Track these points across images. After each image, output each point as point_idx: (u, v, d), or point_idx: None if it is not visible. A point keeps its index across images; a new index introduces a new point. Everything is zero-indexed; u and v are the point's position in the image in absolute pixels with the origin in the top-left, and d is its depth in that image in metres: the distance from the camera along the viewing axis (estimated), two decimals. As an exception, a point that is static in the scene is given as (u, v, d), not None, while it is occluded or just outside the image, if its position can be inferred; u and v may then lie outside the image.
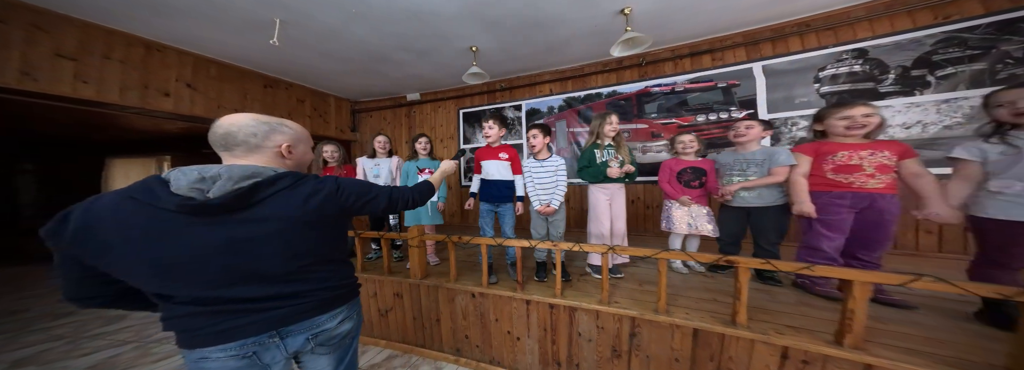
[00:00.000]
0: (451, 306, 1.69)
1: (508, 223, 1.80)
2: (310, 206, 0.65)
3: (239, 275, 0.60)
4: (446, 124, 3.90)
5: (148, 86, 2.37)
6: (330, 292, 0.72)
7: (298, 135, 0.74)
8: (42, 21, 1.93)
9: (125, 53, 2.25)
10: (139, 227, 0.53)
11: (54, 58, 1.97)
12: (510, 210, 1.80)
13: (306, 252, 0.67)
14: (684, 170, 1.83)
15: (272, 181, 0.63)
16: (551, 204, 1.69)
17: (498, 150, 1.81)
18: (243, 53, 2.64)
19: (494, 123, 1.78)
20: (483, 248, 1.60)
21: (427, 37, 2.41)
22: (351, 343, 0.80)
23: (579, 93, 3.26)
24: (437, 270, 1.95)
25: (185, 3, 1.91)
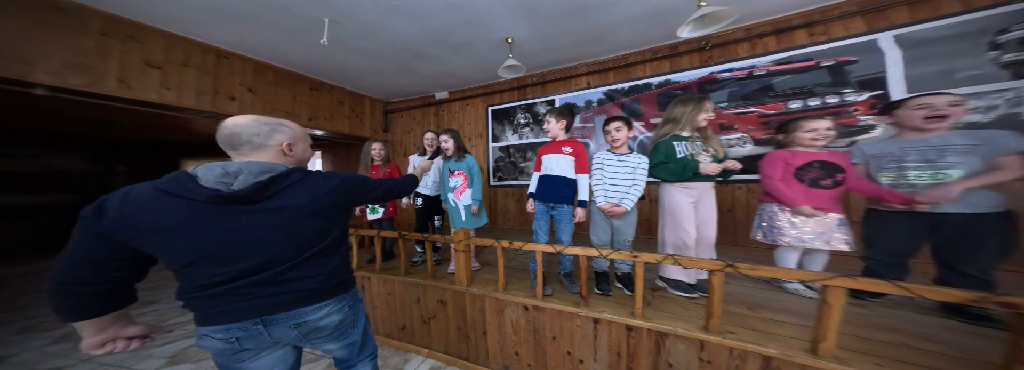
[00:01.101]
0: (500, 318, 1.52)
1: (566, 229, 1.58)
2: (319, 196, 0.74)
3: (258, 260, 0.67)
4: (474, 122, 3.79)
5: (218, 91, 2.53)
6: (320, 283, 0.75)
7: (297, 134, 0.80)
8: (137, 33, 2.11)
9: (200, 60, 2.42)
10: (175, 217, 0.61)
11: (143, 67, 2.15)
12: (568, 214, 1.57)
13: (314, 240, 0.74)
14: (809, 165, 1.40)
15: (285, 175, 0.70)
16: (621, 204, 1.44)
17: (561, 144, 1.60)
18: (294, 57, 2.75)
19: (552, 117, 1.59)
20: (538, 255, 1.41)
21: (463, 28, 2.32)
22: (353, 332, 0.86)
23: (622, 85, 2.96)
24: (481, 276, 1.79)
25: (251, 8, 1.97)
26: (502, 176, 3.63)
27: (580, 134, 3.18)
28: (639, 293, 1.20)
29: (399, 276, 1.74)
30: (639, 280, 1.19)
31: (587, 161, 1.57)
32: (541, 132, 3.41)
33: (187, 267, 0.63)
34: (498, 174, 3.66)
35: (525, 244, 1.41)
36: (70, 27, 1.88)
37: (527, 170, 3.50)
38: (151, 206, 0.59)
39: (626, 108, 2.95)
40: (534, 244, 1.40)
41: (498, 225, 3.65)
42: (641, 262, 1.19)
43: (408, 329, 1.74)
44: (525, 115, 3.47)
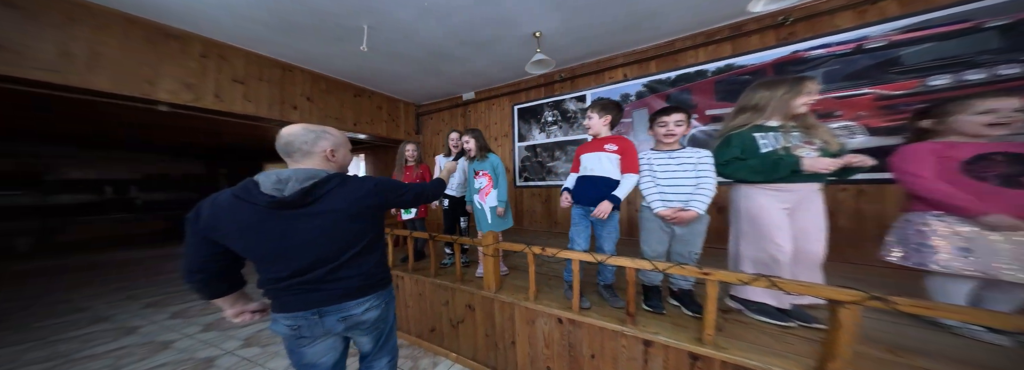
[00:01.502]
0: (531, 329, 1.38)
1: (609, 236, 1.36)
2: (355, 200, 0.79)
3: (308, 259, 0.76)
4: (500, 121, 3.71)
5: (284, 101, 2.84)
6: (363, 280, 0.83)
7: (339, 140, 0.87)
8: (225, 52, 2.47)
9: (271, 74, 2.75)
10: (245, 220, 0.71)
11: (231, 82, 2.51)
12: (612, 219, 1.35)
13: (353, 241, 0.81)
14: (986, 158, 1.03)
15: (326, 180, 0.77)
16: (689, 206, 1.16)
17: (604, 141, 1.39)
18: (340, 65, 2.97)
19: (594, 111, 1.40)
20: (574, 264, 1.25)
21: (490, 25, 2.27)
22: (385, 327, 0.92)
23: (667, 74, 2.62)
24: (510, 282, 1.68)
25: (304, 20, 2.16)
26: (528, 176, 3.50)
27: (616, 131, 2.91)
28: (711, 317, 0.98)
29: (429, 277, 1.72)
30: (712, 302, 0.97)
31: (636, 159, 1.34)
32: (570, 129, 3.20)
33: (259, 263, 0.75)
34: (524, 174, 3.53)
35: (560, 251, 1.27)
36: (179, 51, 2.27)
37: (555, 170, 3.32)
38: (229, 210, 0.71)
39: (673, 99, 2.61)
40: (571, 252, 1.24)
41: (524, 227, 3.52)
42: (715, 281, 0.96)
43: (437, 331, 1.70)
44: (553, 112, 3.31)
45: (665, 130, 1.24)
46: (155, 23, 2.14)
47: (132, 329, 2.07)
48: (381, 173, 5.22)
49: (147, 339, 1.90)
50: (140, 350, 1.75)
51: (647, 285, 1.35)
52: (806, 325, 1.11)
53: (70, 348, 1.81)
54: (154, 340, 1.89)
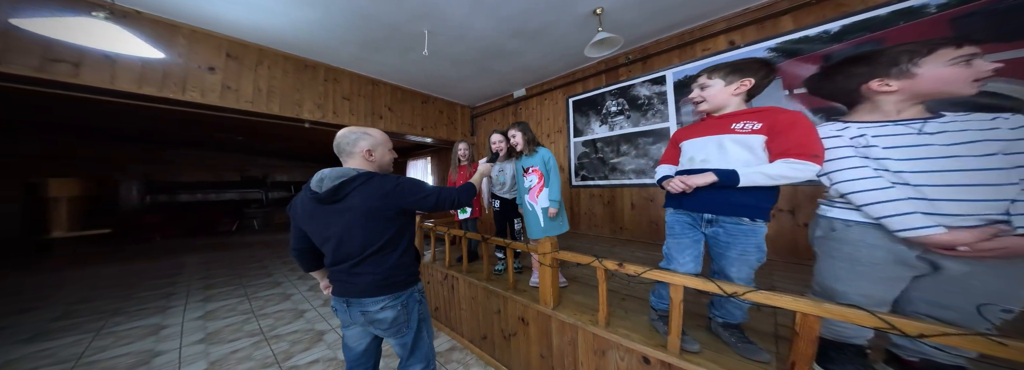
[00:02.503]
0: (600, 361, 1.14)
1: (743, 259, 0.89)
2: (370, 199, 0.83)
3: (342, 251, 0.85)
4: (553, 117, 3.37)
5: (373, 112, 3.31)
6: (379, 279, 0.86)
7: (377, 140, 0.94)
8: (338, 75, 3.02)
9: (365, 89, 3.23)
10: (306, 211, 0.87)
11: (341, 100, 3.06)
12: (747, 235, 0.88)
13: (372, 239, 0.85)
14: None
15: (353, 179, 0.84)
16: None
17: (732, 118, 0.92)
18: (409, 75, 3.24)
19: (715, 76, 0.95)
20: (675, 292, 0.89)
21: (542, 11, 2.06)
22: (407, 331, 0.92)
23: (824, 27, 1.80)
24: (569, 296, 1.45)
25: (379, 34, 2.39)
26: (586, 175, 3.07)
27: None
28: None
29: (482, 281, 1.65)
30: None
31: (813, 136, 0.79)
32: (642, 119, 2.62)
33: (320, 248, 0.90)
34: (581, 173, 3.11)
35: (652, 270, 0.94)
36: (312, 78, 2.88)
37: (620, 167, 2.79)
38: (300, 202, 0.88)
39: (835, 59, 1.73)
40: (671, 273, 0.89)
41: (581, 231, 3.12)
42: None
43: (489, 340, 1.62)
44: (618, 101, 2.80)
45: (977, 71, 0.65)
46: (298, 57, 2.76)
47: (288, 296, 2.77)
48: (442, 173, 5.61)
49: (293, 306, 2.50)
50: (288, 316, 2.31)
51: (829, 339, 0.84)
52: None
53: (255, 305, 2.54)
54: (296, 308, 2.47)
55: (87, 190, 6.73)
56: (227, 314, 2.33)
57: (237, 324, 2.15)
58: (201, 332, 2.02)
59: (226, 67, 2.37)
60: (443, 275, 1.93)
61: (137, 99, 2.10)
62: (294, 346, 1.83)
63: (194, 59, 2.22)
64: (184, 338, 1.94)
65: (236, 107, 2.43)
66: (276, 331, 2.04)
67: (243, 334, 1.99)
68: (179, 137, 6.00)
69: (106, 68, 1.89)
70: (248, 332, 2.02)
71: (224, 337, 1.95)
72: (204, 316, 2.29)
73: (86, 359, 1.69)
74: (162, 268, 3.75)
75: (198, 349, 1.79)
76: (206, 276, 3.40)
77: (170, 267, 3.80)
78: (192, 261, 4.14)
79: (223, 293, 2.83)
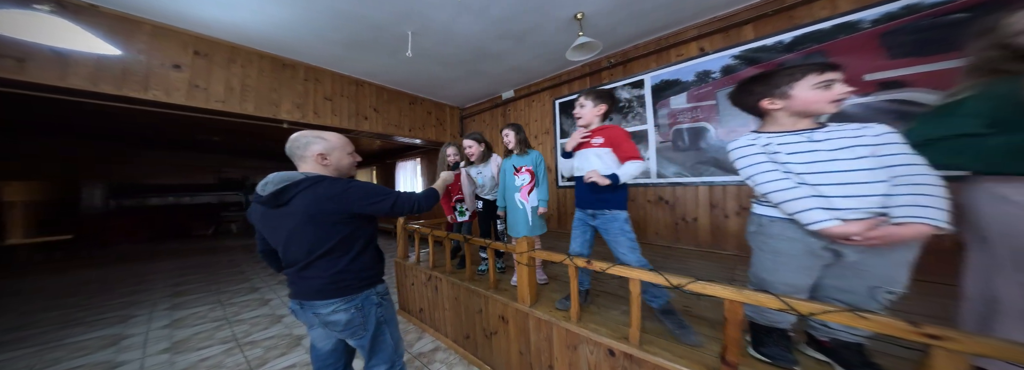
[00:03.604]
0: (572, 356, 1.17)
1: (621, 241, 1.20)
2: (314, 204, 0.81)
3: (290, 254, 0.85)
4: (541, 118, 3.44)
5: (358, 113, 3.26)
6: (328, 283, 0.84)
7: (333, 144, 0.91)
8: (319, 75, 2.96)
9: (348, 90, 3.18)
10: (257, 214, 0.87)
11: (323, 100, 3.00)
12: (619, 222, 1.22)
13: (316, 243, 0.83)
14: None
15: (297, 183, 0.82)
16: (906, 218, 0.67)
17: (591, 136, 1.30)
18: (396, 76, 3.20)
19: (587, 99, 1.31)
20: (633, 285, 0.98)
21: (526, 14, 2.09)
22: (363, 333, 0.90)
23: (778, 38, 1.96)
24: (548, 294, 1.47)
25: (365, 35, 2.37)
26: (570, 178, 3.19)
27: (690, 117, 2.32)
28: None
29: (464, 281, 1.64)
30: None
31: (631, 142, 1.21)
32: (623, 121, 2.72)
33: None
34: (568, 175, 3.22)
35: (612, 266, 1.02)
36: (291, 78, 2.81)
37: None
38: (252, 206, 0.89)
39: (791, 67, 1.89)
40: (628, 269, 0.99)
41: (567, 231, 3.17)
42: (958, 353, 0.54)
43: (471, 339, 1.62)
44: None
45: (835, 93, 0.75)
46: (275, 56, 2.69)
47: (266, 301, 2.67)
48: (432, 174, 5.57)
49: (271, 312, 2.42)
50: (264, 321, 2.23)
51: (762, 325, 0.94)
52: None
53: (230, 312, 2.44)
54: (274, 313, 2.38)
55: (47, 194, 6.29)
56: (197, 321, 2.23)
57: (208, 331, 2.06)
58: (167, 341, 1.92)
59: (194, 65, 2.28)
60: (427, 276, 1.91)
61: (93, 98, 2.00)
62: (269, 352, 1.77)
63: (157, 56, 2.13)
64: (148, 348, 1.84)
65: (206, 107, 2.34)
66: (251, 337, 1.96)
67: (214, 341, 1.91)
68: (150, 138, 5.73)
69: (55, 64, 1.78)
70: (220, 339, 1.94)
71: (193, 345, 1.86)
72: (171, 324, 2.19)
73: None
74: (128, 275, 3.56)
75: (163, 359, 1.71)
76: (176, 283, 3.24)
77: (137, 274, 3.61)
78: (162, 267, 3.94)
79: (194, 300, 2.70)
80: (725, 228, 2.17)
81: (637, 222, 2.68)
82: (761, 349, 0.92)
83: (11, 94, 1.85)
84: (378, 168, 7.89)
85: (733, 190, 2.14)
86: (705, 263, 1.94)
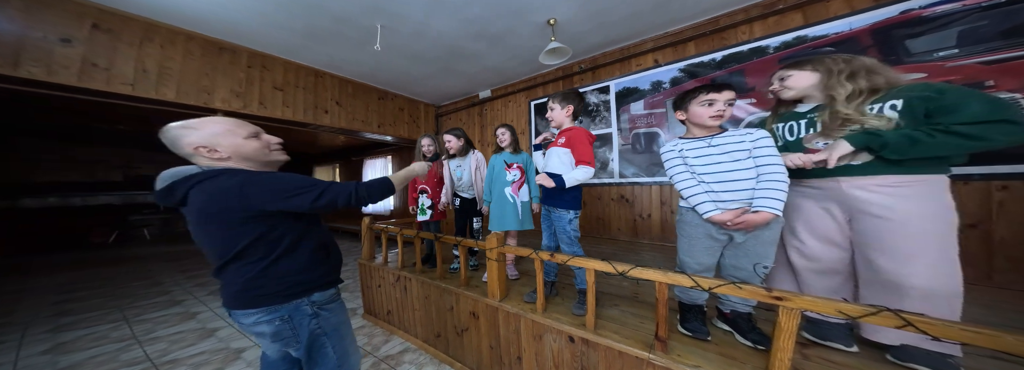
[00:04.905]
0: (537, 345, 1.20)
1: (561, 237, 1.30)
2: (207, 201, 0.69)
3: (208, 256, 0.75)
4: (517, 118, 3.57)
5: (317, 106, 3.02)
6: (242, 291, 0.73)
7: (210, 132, 0.73)
8: (267, 63, 2.69)
9: (306, 81, 2.94)
10: None
11: (273, 90, 2.73)
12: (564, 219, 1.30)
13: (222, 247, 0.72)
14: None
15: (189, 178, 0.70)
16: (758, 207, 0.87)
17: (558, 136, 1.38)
18: (364, 69, 3.07)
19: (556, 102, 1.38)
20: (589, 274, 1.05)
21: (501, 17, 2.16)
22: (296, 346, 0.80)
23: (711, 56, 2.27)
24: (518, 289, 1.49)
25: (326, 25, 2.23)
26: None
27: (646, 122, 2.57)
28: (785, 355, 0.73)
29: (435, 280, 1.60)
30: (789, 337, 0.72)
31: (586, 147, 1.26)
32: (592, 124, 2.92)
33: None
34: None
35: (572, 258, 1.08)
36: (230, 63, 2.51)
37: None
38: None
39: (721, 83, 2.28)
40: (583, 259, 1.05)
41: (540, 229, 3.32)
42: (796, 311, 0.71)
43: (442, 338, 1.57)
44: None
45: (715, 110, 0.95)
46: (210, 38, 2.38)
47: (193, 314, 2.31)
48: None
49: (199, 326, 2.09)
50: (191, 336, 1.92)
51: (685, 303, 1.08)
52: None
53: (140, 330, 2.06)
54: (205, 327, 2.07)
55: None
56: (93, 344, 1.83)
57: (110, 354, 1.70)
58: (49, 367, 1.56)
59: (91, 39, 1.93)
60: (396, 277, 1.82)
61: None
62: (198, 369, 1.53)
63: (38, 27, 1.76)
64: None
65: (106, 90, 1.99)
66: (171, 356, 1.67)
67: (119, 364, 1.59)
68: (30, 126, 4.64)
69: None
70: (125, 362, 1.62)
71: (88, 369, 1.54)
72: (53, 349, 1.77)
73: None
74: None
75: (46, 389, 1.38)
76: (59, 301, 2.64)
77: (2, 293, 2.88)
78: (41, 284, 3.19)
79: (86, 320, 2.22)
80: (671, 223, 2.41)
81: (601, 219, 2.84)
82: (685, 325, 1.06)
83: None
84: (342, 165, 7.30)
85: (679, 189, 2.40)
86: (656, 255, 2.13)
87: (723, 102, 0.94)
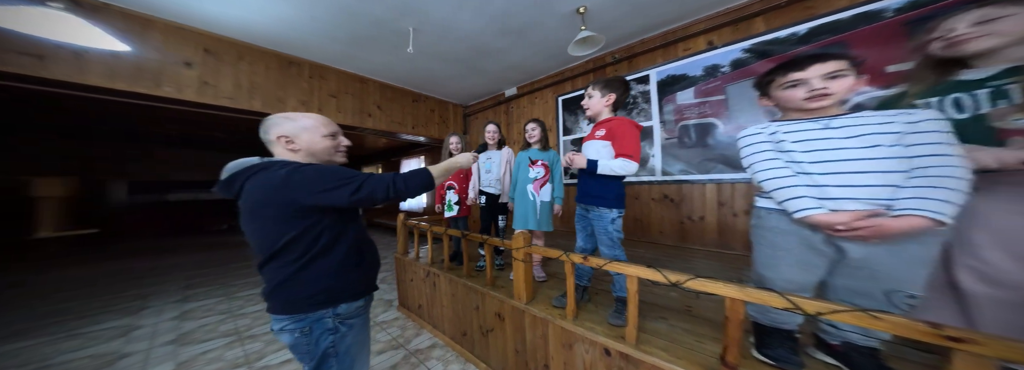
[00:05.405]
0: (568, 355, 1.13)
1: (602, 239, 1.19)
2: (257, 193, 0.69)
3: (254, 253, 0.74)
4: (544, 115, 3.39)
5: (362, 110, 3.28)
6: (273, 292, 0.72)
7: (300, 125, 0.78)
8: (323, 72, 2.99)
9: (353, 87, 3.20)
10: None
11: (327, 97, 3.04)
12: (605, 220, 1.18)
13: (264, 243, 0.70)
14: None
15: (246, 169, 0.71)
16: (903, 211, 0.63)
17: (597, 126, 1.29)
18: (399, 73, 3.21)
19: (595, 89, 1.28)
20: (631, 283, 0.94)
21: (526, 9, 2.06)
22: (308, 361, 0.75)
23: (792, 29, 1.88)
24: (546, 291, 1.43)
25: (366, 31, 2.37)
26: (575, 173, 3.14)
27: (698, 113, 2.23)
28: None
29: (462, 278, 1.62)
30: None
31: (632, 139, 1.13)
32: (628, 117, 2.64)
33: None
34: (570, 171, 3.11)
35: (609, 262, 0.98)
36: (296, 75, 2.84)
37: None
38: None
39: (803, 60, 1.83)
40: (625, 264, 0.94)
41: (571, 228, 3.10)
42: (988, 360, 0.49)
43: (469, 336, 1.59)
44: None
45: (807, 91, 0.74)
46: (281, 54, 2.73)
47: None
48: None
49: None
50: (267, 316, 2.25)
51: (764, 325, 0.89)
52: None
53: (235, 305, 2.48)
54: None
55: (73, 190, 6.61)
56: (204, 314, 2.28)
57: (212, 324, 2.10)
58: (174, 333, 1.97)
59: (204, 62, 2.33)
60: (425, 272, 1.90)
61: (109, 94, 2.06)
62: (269, 346, 1.78)
63: (169, 54, 2.18)
64: (156, 339, 1.88)
65: (215, 103, 2.39)
66: (252, 331, 1.99)
67: (217, 334, 1.94)
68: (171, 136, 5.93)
69: (73, 61, 1.84)
70: (223, 332, 1.97)
71: (197, 338, 1.90)
72: (180, 316, 2.24)
73: (51, 361, 1.64)
74: (144, 268, 3.68)
75: (167, 350, 1.74)
76: (188, 276, 3.33)
77: (152, 267, 3.73)
78: (176, 261, 4.07)
79: (202, 293, 2.77)
80: (734, 227, 2.09)
81: (640, 220, 2.61)
82: (765, 351, 0.87)
83: (36, 92, 1.93)
84: (384, 166, 7.97)
85: (743, 188, 2.06)
86: (711, 263, 1.87)
87: (819, 78, 0.72)
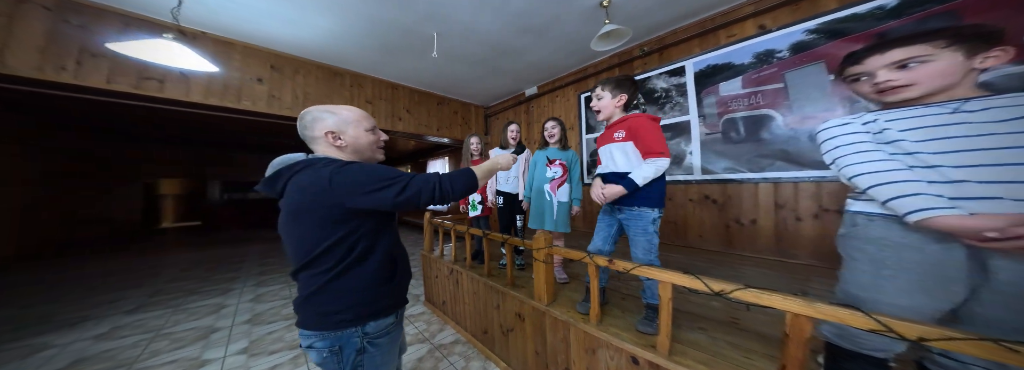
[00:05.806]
0: (590, 359, 1.11)
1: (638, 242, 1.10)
2: (298, 193, 0.65)
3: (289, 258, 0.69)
4: (565, 114, 3.27)
5: (393, 114, 3.49)
6: (301, 300, 0.67)
7: (344, 118, 0.74)
8: (361, 81, 3.24)
9: (386, 93, 3.42)
10: None
11: (364, 103, 3.29)
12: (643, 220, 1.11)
13: (302, 248, 0.65)
14: None
15: (290, 167, 0.67)
16: None
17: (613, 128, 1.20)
18: (425, 77, 3.35)
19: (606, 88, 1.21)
20: (664, 289, 0.86)
21: (547, 6, 2.02)
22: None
23: (867, 6, 1.59)
24: (567, 294, 1.40)
25: (396, 39, 2.50)
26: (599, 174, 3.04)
27: (747, 104, 1.99)
28: None
29: (483, 276, 1.65)
30: None
31: (655, 134, 1.06)
32: (660, 112, 2.44)
33: None
34: (593, 170, 2.99)
35: (637, 267, 0.92)
36: (340, 85, 3.11)
37: None
38: None
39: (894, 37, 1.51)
40: (660, 270, 0.87)
41: (591, 229, 2.97)
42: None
43: (489, 335, 1.63)
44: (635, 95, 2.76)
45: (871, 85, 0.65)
46: (328, 66, 3.01)
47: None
48: None
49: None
50: None
51: (843, 348, 0.70)
52: None
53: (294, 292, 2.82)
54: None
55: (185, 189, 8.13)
56: (272, 298, 2.64)
57: (277, 308, 2.42)
58: (249, 313, 2.32)
59: (271, 78, 2.67)
60: (449, 270, 1.99)
61: (206, 109, 2.47)
62: (320, 330, 2.01)
63: (247, 72, 2.54)
64: (236, 318, 2.24)
65: (280, 113, 2.72)
66: (309, 315, 2.26)
67: (280, 317, 2.24)
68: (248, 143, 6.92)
69: (182, 83, 2.24)
70: (285, 316, 2.26)
71: (265, 319, 2.21)
72: (255, 299, 2.62)
73: (164, 331, 2.03)
74: (233, 256, 4.37)
75: (244, 328, 2.06)
76: (262, 263, 3.88)
77: (238, 255, 4.41)
78: (255, 250, 4.76)
79: (271, 279, 3.20)
80: (796, 233, 1.81)
81: (675, 223, 2.41)
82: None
83: (155, 109, 2.39)
84: (412, 167, 8.42)
85: (809, 188, 1.76)
86: (764, 272, 1.66)
87: (885, 69, 0.62)
